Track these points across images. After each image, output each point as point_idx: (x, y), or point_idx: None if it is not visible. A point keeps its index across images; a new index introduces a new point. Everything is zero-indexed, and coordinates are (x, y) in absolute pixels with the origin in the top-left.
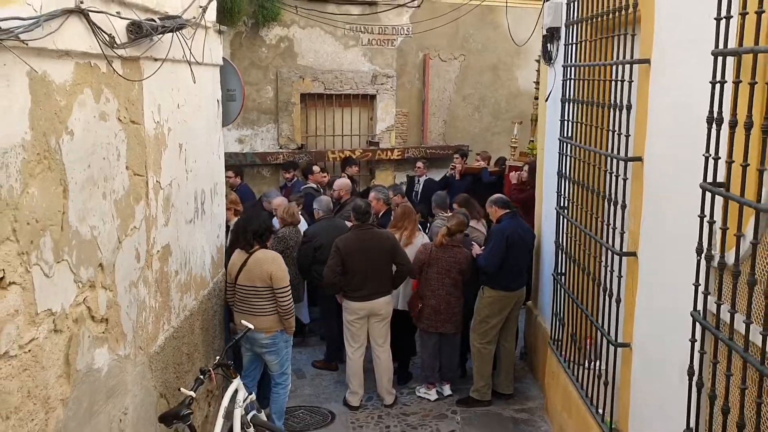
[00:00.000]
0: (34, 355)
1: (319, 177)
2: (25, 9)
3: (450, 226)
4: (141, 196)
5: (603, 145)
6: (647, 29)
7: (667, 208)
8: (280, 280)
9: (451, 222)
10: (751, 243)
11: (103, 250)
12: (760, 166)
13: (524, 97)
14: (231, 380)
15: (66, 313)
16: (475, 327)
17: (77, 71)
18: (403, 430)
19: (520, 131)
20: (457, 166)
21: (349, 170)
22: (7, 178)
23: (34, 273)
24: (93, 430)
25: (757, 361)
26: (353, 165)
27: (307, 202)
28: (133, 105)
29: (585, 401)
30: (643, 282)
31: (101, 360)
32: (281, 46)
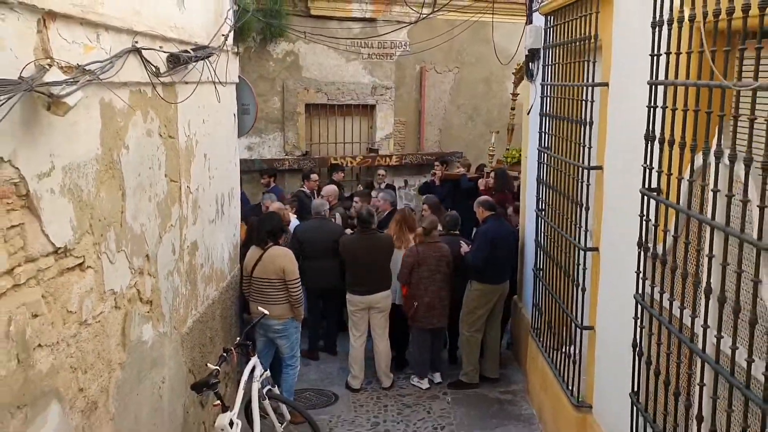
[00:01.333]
0: (102, 325)
1: (313, 184)
2: (100, 52)
3: (424, 226)
4: (176, 199)
5: (572, 155)
6: (606, 57)
7: (621, 210)
8: (291, 273)
9: (424, 223)
10: (673, 237)
11: (149, 244)
12: (679, 176)
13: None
14: (249, 358)
15: (123, 293)
16: (464, 317)
17: (131, 97)
18: (400, 409)
19: (497, 140)
20: (437, 172)
21: (336, 176)
22: (86, 184)
23: (103, 260)
24: (140, 393)
25: (675, 329)
26: (339, 171)
27: (299, 206)
28: (170, 122)
29: (558, 380)
30: (603, 273)
31: (147, 334)
32: (287, 60)
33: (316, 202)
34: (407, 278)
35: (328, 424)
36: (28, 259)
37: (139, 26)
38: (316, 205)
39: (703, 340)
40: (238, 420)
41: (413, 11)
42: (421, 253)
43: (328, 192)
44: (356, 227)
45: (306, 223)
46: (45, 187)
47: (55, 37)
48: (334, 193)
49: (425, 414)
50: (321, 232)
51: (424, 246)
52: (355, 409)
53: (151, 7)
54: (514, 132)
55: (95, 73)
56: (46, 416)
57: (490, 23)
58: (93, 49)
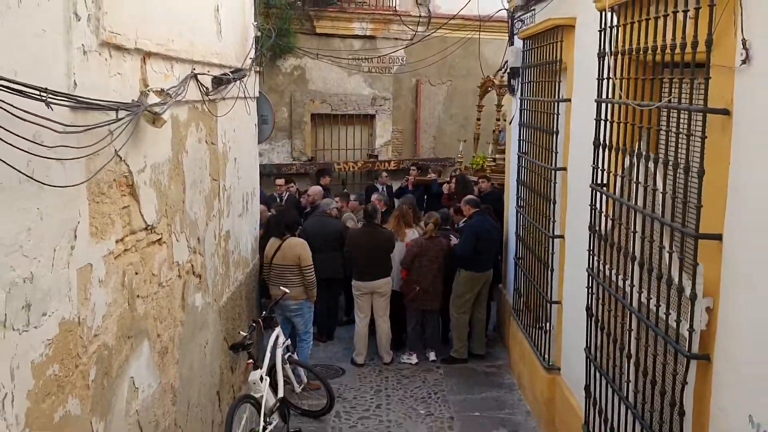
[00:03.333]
0: (171, 288)
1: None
2: (173, 79)
3: (434, 221)
4: (216, 194)
5: (544, 159)
6: (569, 78)
7: (579, 202)
8: (306, 260)
9: (431, 219)
10: (611, 221)
11: (199, 229)
12: (616, 173)
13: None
14: (273, 329)
15: (183, 266)
16: (454, 301)
17: (189, 112)
18: (399, 379)
19: (464, 147)
20: (410, 177)
21: (323, 180)
22: (163, 179)
23: (172, 238)
24: (193, 348)
25: (614, 291)
26: (326, 175)
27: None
28: (212, 131)
29: (534, 350)
30: (568, 255)
31: (198, 301)
32: (295, 74)
33: (323, 201)
34: (410, 265)
35: (337, 390)
36: (131, 231)
37: (195, 56)
38: (323, 204)
39: (631, 298)
40: (266, 377)
41: (410, 29)
42: (424, 245)
43: (314, 192)
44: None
45: (311, 220)
46: (141, 180)
47: (149, 70)
48: (319, 194)
49: (421, 383)
50: (325, 227)
51: (427, 239)
52: (360, 379)
53: (201, 39)
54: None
55: (172, 95)
56: (141, 348)
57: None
58: (169, 77)
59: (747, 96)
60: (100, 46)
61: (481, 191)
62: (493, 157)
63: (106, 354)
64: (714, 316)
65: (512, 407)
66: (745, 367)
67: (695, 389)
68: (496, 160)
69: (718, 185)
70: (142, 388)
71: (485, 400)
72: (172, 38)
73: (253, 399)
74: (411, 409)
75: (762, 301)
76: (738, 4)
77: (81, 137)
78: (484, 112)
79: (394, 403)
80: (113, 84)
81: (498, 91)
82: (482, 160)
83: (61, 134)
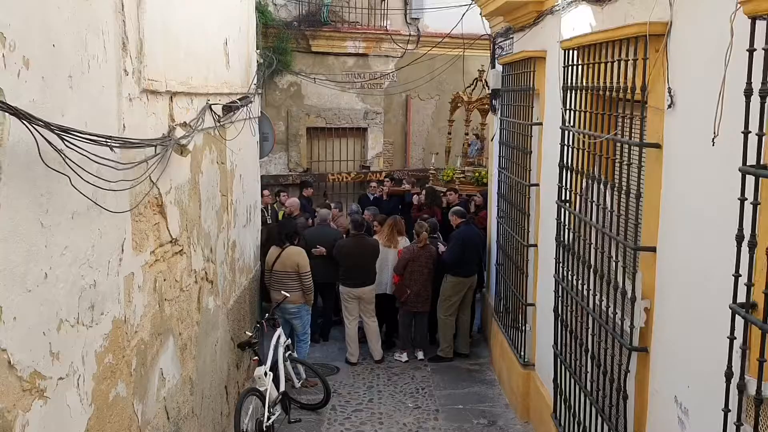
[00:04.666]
0: (189, 293)
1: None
2: (192, 111)
3: (427, 230)
4: (225, 208)
5: (520, 175)
6: (541, 104)
7: (549, 216)
8: (304, 267)
9: (424, 228)
10: (573, 233)
11: (212, 240)
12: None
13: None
14: (276, 329)
15: (199, 273)
16: (441, 304)
17: (204, 138)
18: (389, 377)
19: (437, 160)
20: (384, 188)
21: (306, 192)
22: (184, 198)
23: (191, 249)
24: (206, 346)
25: (575, 294)
26: (308, 187)
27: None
28: (222, 153)
29: (512, 349)
30: (540, 262)
31: (210, 304)
32: (291, 89)
33: (322, 212)
34: (401, 271)
35: (332, 386)
36: (160, 244)
37: (209, 88)
38: (321, 214)
39: (588, 300)
40: (270, 372)
41: (400, 47)
42: (416, 252)
43: (291, 204)
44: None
45: (311, 229)
46: (168, 200)
47: (175, 106)
48: (296, 205)
49: (410, 380)
50: (322, 236)
51: (418, 247)
52: (353, 377)
53: (214, 72)
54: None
55: (193, 127)
56: (168, 344)
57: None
58: (189, 110)
59: (673, 133)
60: (141, 93)
61: (449, 203)
62: (462, 169)
63: (143, 348)
64: (651, 315)
65: (492, 400)
66: (674, 357)
67: (636, 376)
68: (465, 173)
69: (653, 206)
70: (168, 378)
71: (468, 395)
72: (191, 76)
73: (258, 392)
74: (400, 402)
75: (687, 303)
76: (664, 59)
77: (128, 169)
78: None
79: (384, 398)
80: (150, 122)
81: (467, 107)
82: (452, 173)
83: (114, 169)
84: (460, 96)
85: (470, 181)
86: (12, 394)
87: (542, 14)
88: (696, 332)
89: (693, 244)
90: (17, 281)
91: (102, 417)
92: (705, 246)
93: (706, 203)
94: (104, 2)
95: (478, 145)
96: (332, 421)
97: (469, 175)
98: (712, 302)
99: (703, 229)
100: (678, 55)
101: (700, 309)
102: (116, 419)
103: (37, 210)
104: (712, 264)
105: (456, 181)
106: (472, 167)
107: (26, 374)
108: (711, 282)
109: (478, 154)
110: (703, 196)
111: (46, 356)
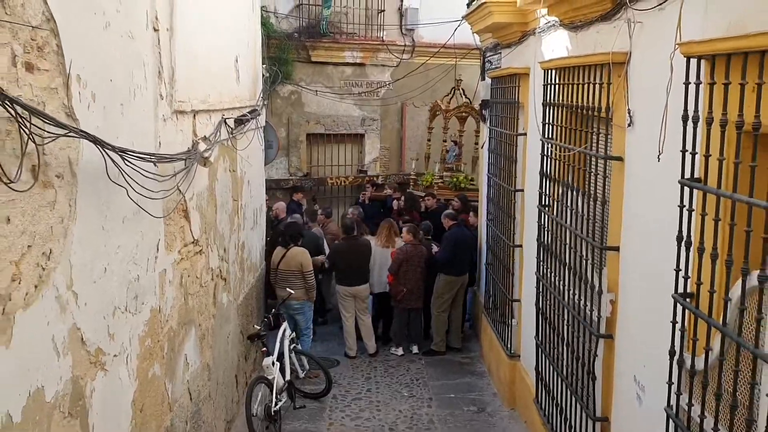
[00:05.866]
0: (207, 289)
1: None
2: (210, 126)
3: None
4: (236, 212)
5: (506, 181)
6: (525, 116)
7: (531, 218)
8: (307, 266)
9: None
10: (550, 234)
11: (225, 241)
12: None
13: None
14: (281, 323)
15: (215, 271)
16: (434, 301)
17: (219, 149)
18: (386, 368)
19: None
20: (366, 193)
21: (296, 196)
22: (203, 204)
23: (209, 250)
24: (221, 337)
25: (552, 289)
26: (299, 192)
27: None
28: (233, 161)
29: (500, 342)
30: (525, 262)
31: (224, 300)
32: (292, 98)
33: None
34: (396, 270)
35: (333, 378)
36: (185, 244)
37: (224, 104)
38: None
39: (563, 294)
40: (277, 362)
41: (396, 57)
42: (409, 252)
43: (278, 207)
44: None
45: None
46: (191, 205)
47: (197, 123)
48: (283, 208)
49: (405, 372)
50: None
51: (411, 247)
52: (352, 369)
53: (227, 89)
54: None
55: (212, 140)
56: (191, 333)
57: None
58: (208, 125)
59: (632, 148)
60: (172, 114)
61: (427, 208)
62: (440, 175)
63: (172, 335)
64: (616, 306)
65: (481, 390)
66: (634, 342)
67: (603, 360)
68: (443, 178)
69: (617, 211)
70: (191, 363)
71: (459, 385)
72: (209, 93)
73: (267, 380)
74: (396, 392)
75: (644, 294)
76: (625, 84)
77: (165, 180)
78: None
79: (382, 388)
80: (178, 139)
81: (445, 114)
82: (431, 178)
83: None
84: (439, 104)
85: (448, 186)
86: (83, 365)
87: (526, 34)
88: (650, 319)
89: (647, 243)
90: (87, 274)
91: (143, 391)
92: (656, 245)
93: (657, 209)
94: (145, 38)
95: (455, 151)
96: (334, 408)
97: (447, 180)
98: (662, 293)
99: (654, 231)
100: (635, 81)
101: (653, 299)
102: (153, 394)
103: (99, 217)
104: (661, 260)
105: (435, 186)
106: (450, 172)
107: (93, 349)
108: (661, 276)
109: (455, 160)
110: (654, 203)
111: (106, 336)
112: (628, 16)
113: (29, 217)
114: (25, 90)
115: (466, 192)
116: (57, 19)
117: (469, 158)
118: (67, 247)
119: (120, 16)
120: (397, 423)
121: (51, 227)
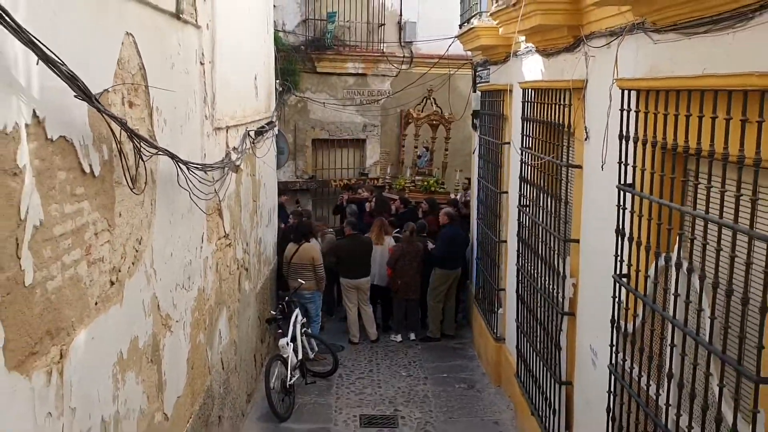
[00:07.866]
0: (234, 276)
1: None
2: (237, 139)
3: (410, 229)
4: (255, 211)
5: (494, 184)
6: (508, 127)
7: (514, 217)
8: (318, 260)
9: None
10: (527, 230)
11: (247, 236)
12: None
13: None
14: (294, 309)
15: (240, 261)
16: (430, 293)
17: (245, 159)
18: (386, 353)
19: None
20: (344, 196)
21: (280, 198)
22: (232, 204)
23: (236, 243)
24: (243, 319)
25: (529, 278)
26: (282, 195)
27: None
28: (253, 166)
29: (488, 328)
30: (509, 255)
31: (247, 287)
32: (299, 106)
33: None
34: (393, 264)
35: (339, 360)
36: (219, 237)
37: (247, 118)
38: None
39: (537, 281)
40: (291, 343)
41: (395, 67)
42: (404, 249)
43: None
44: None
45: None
46: (224, 205)
47: (229, 136)
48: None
49: (403, 355)
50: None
51: (406, 244)
52: (356, 353)
53: (249, 104)
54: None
55: (240, 150)
56: (223, 312)
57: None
58: (236, 137)
59: (588, 158)
60: (213, 130)
61: (396, 210)
62: (412, 179)
63: (211, 311)
64: (577, 288)
65: (471, 371)
66: (589, 316)
67: (567, 333)
68: (415, 182)
69: (577, 210)
70: (223, 337)
71: (452, 366)
72: (236, 110)
73: (282, 358)
74: (395, 372)
75: (596, 277)
76: (583, 106)
77: (210, 185)
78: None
79: (382, 369)
80: (216, 150)
81: (416, 122)
82: (404, 182)
83: (205, 184)
84: (411, 112)
85: (419, 190)
86: (159, 325)
87: (509, 56)
88: (600, 297)
89: (597, 236)
90: (161, 256)
91: (194, 353)
92: (603, 237)
93: (603, 208)
94: (195, 71)
95: (426, 156)
96: (340, 385)
97: (419, 184)
98: (607, 276)
99: (602, 226)
100: (590, 104)
101: (603, 281)
102: (199, 357)
103: (167, 213)
104: (607, 249)
105: (406, 190)
106: (422, 177)
107: (164, 314)
108: (607, 261)
109: (427, 165)
110: (602, 204)
111: (171, 305)
112: (585, 50)
113: (130, 212)
114: (129, 121)
115: (435, 195)
116: (146, 66)
117: (439, 163)
118: (150, 235)
119: (180, 57)
120: (396, 397)
121: (141, 220)
